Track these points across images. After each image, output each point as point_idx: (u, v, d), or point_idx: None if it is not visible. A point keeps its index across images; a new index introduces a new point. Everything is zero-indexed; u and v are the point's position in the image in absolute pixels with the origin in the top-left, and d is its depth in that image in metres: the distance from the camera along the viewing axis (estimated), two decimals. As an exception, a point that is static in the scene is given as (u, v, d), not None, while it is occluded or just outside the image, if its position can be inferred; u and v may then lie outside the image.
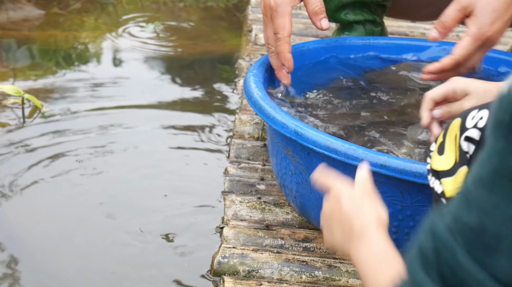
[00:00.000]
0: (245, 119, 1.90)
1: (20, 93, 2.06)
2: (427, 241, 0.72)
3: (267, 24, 1.50)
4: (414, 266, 0.74)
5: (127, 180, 1.75)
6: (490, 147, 0.65)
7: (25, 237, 1.52)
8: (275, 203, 1.57)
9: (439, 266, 0.70)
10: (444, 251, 0.69)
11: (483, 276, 0.66)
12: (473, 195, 0.67)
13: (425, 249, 0.72)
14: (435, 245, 0.71)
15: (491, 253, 0.66)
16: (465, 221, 0.67)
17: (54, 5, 2.98)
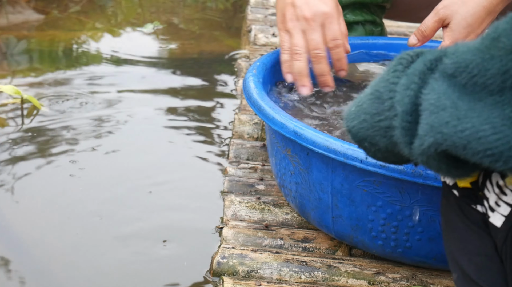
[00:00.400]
0: (245, 119, 1.90)
1: (19, 93, 2.06)
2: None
3: (312, 30, 1.47)
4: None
5: (125, 180, 1.75)
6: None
7: (23, 238, 1.52)
8: (274, 203, 1.57)
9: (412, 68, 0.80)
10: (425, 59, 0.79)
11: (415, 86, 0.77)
12: None
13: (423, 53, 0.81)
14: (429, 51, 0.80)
15: None
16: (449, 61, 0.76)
17: (54, 8, 2.98)
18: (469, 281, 0.88)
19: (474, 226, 0.86)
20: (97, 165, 1.81)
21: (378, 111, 0.81)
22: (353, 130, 0.84)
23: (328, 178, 1.32)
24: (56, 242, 1.51)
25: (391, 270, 1.38)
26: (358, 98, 0.85)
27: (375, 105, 0.81)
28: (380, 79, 0.82)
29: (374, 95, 0.82)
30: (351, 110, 0.85)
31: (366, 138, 0.83)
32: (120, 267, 1.45)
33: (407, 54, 0.81)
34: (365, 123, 0.82)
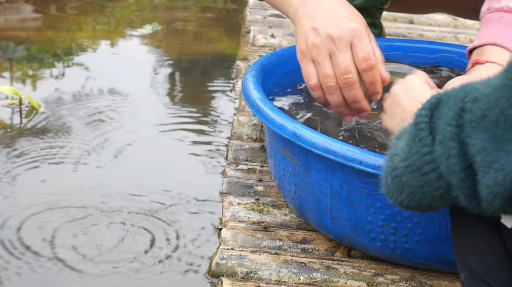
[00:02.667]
0: (243, 120, 1.90)
1: (18, 93, 2.06)
2: (452, 91, 0.80)
3: (339, 51, 1.29)
4: (423, 109, 0.82)
5: (123, 181, 1.75)
6: None
7: (22, 239, 1.52)
8: (273, 204, 1.57)
9: (439, 111, 0.79)
10: (450, 102, 0.78)
11: (450, 129, 0.77)
12: None
13: (444, 96, 0.81)
14: (451, 96, 0.79)
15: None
16: (476, 92, 0.76)
17: (52, 6, 2.97)
18: (478, 280, 0.89)
19: (486, 226, 0.89)
20: (96, 166, 1.81)
21: (424, 183, 0.80)
22: (404, 203, 0.84)
23: (327, 179, 1.32)
24: (55, 242, 1.51)
25: (390, 272, 1.38)
26: (389, 169, 0.84)
27: (418, 179, 0.81)
28: (408, 150, 0.81)
29: (411, 168, 0.81)
30: (389, 184, 0.85)
31: (421, 206, 0.83)
32: (118, 267, 1.45)
33: (421, 115, 0.80)
34: (414, 194, 0.82)
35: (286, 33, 2.56)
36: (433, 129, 0.79)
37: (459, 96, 0.77)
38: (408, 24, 2.79)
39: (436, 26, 2.78)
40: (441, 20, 2.82)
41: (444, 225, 1.27)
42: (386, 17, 2.78)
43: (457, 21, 2.82)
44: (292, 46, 1.69)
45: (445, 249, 1.29)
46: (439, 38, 2.60)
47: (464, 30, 2.75)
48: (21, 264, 1.44)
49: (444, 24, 2.80)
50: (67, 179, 1.74)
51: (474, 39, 1.43)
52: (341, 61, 1.28)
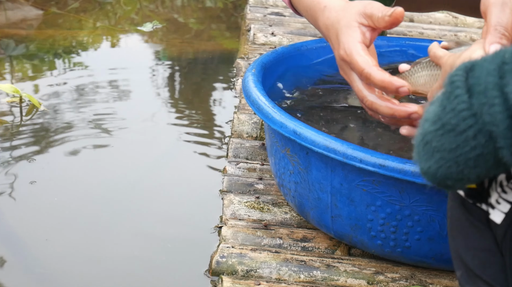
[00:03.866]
0: (244, 118, 1.90)
1: (18, 91, 2.06)
2: (488, 56, 0.76)
3: (351, 82, 1.24)
4: (458, 70, 0.77)
5: (124, 178, 1.75)
6: None
7: (23, 238, 1.52)
8: (273, 202, 1.57)
9: (476, 71, 0.75)
10: (488, 59, 0.74)
11: (492, 79, 0.73)
12: None
13: (480, 59, 0.76)
14: (488, 57, 0.75)
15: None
16: None
17: (53, 4, 2.97)
18: (472, 276, 0.90)
19: (478, 223, 0.89)
20: (97, 164, 1.81)
21: (459, 144, 0.76)
22: (430, 171, 0.79)
23: (328, 177, 1.32)
24: (57, 241, 1.51)
25: (390, 270, 1.38)
26: (419, 137, 0.80)
27: (451, 139, 0.76)
28: (441, 110, 0.77)
29: (444, 129, 0.76)
30: (418, 152, 0.80)
31: (449, 176, 0.78)
32: (119, 266, 1.45)
33: (456, 75, 0.77)
34: (443, 160, 0.77)
35: (286, 31, 2.56)
36: (470, 87, 0.75)
37: (497, 54, 0.75)
38: (409, 22, 2.79)
39: (437, 25, 2.78)
40: (441, 18, 2.82)
41: (444, 223, 1.27)
42: (386, 15, 2.78)
43: (457, 19, 2.82)
44: (292, 44, 1.69)
45: (445, 247, 1.29)
46: (439, 37, 2.60)
47: (464, 28, 2.75)
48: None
49: (445, 23, 2.80)
50: (66, 177, 1.74)
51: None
52: (355, 90, 1.24)
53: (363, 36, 1.22)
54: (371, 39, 1.22)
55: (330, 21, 1.26)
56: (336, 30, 1.24)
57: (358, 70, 1.18)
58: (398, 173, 1.21)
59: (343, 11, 1.25)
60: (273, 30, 2.55)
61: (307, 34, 2.53)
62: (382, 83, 1.16)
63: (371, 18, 1.21)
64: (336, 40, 1.24)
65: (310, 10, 1.33)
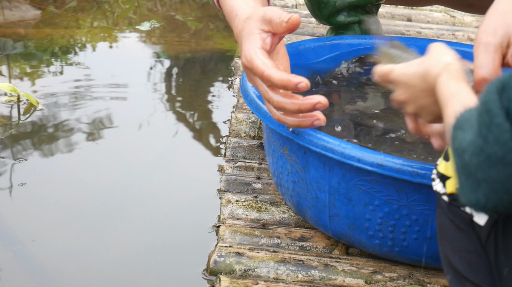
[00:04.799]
0: (242, 117, 1.90)
1: (16, 90, 2.06)
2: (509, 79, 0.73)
3: (258, 88, 1.25)
4: (492, 86, 0.74)
5: (121, 177, 1.75)
6: None
7: (21, 237, 1.52)
8: (271, 202, 1.57)
9: (510, 93, 0.71)
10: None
11: None
12: None
13: (509, 78, 0.73)
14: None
15: None
16: None
17: (50, 3, 2.97)
18: (460, 278, 0.91)
19: (463, 225, 0.90)
20: (94, 163, 1.81)
21: (509, 175, 0.72)
22: (480, 204, 0.76)
23: (325, 177, 1.32)
24: (55, 241, 1.51)
25: (388, 269, 1.38)
26: (457, 167, 0.76)
27: (499, 170, 0.73)
28: (483, 141, 0.73)
29: (491, 161, 0.73)
30: (462, 184, 0.77)
31: (500, 205, 0.75)
32: (116, 265, 1.45)
33: (491, 100, 0.73)
34: (493, 192, 0.74)
35: (284, 30, 2.55)
36: (509, 112, 0.71)
37: None
38: (406, 21, 2.79)
39: (434, 24, 2.78)
40: (439, 17, 2.82)
41: (442, 223, 1.27)
42: (384, 14, 2.78)
43: (455, 18, 2.82)
44: (290, 43, 1.69)
45: (443, 246, 1.30)
46: (437, 36, 2.60)
47: (462, 27, 2.75)
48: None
49: (442, 22, 2.80)
50: (63, 176, 1.74)
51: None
52: (262, 93, 1.26)
53: (263, 42, 1.23)
54: (272, 44, 1.24)
55: (238, 30, 1.30)
56: (241, 38, 1.27)
57: (259, 73, 1.20)
58: (396, 173, 1.21)
59: (248, 19, 1.27)
60: (271, 29, 2.55)
61: (305, 33, 2.53)
62: (281, 81, 1.18)
63: (270, 23, 1.23)
64: (241, 49, 1.27)
65: (227, 17, 1.36)
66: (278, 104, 1.22)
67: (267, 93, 1.23)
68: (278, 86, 1.19)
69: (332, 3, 1.89)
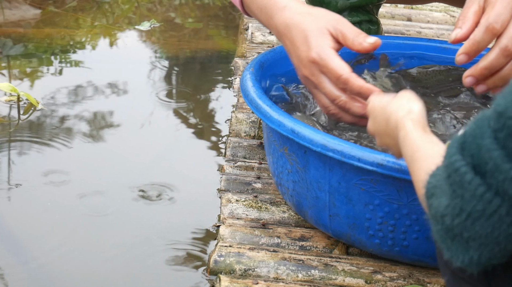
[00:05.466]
0: (242, 117, 1.90)
1: (16, 90, 2.06)
2: (469, 129, 0.75)
3: (320, 84, 1.30)
4: (452, 148, 0.77)
5: (121, 177, 1.75)
6: None
7: (20, 237, 1.52)
8: (271, 201, 1.57)
9: (470, 150, 0.74)
10: (477, 134, 0.73)
11: (498, 153, 0.70)
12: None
13: (465, 136, 0.76)
14: (472, 131, 0.74)
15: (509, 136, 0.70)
16: (496, 109, 0.72)
17: (50, 3, 2.97)
18: (459, 280, 0.92)
19: None
20: (94, 163, 1.81)
21: (494, 226, 0.73)
22: (474, 261, 0.76)
23: (326, 176, 1.32)
24: (54, 241, 1.51)
25: (388, 269, 1.38)
26: (440, 233, 0.78)
27: (484, 224, 0.73)
28: (459, 201, 0.74)
29: (473, 217, 0.74)
30: (448, 248, 0.78)
31: (493, 257, 0.76)
32: (117, 265, 1.45)
33: (456, 160, 0.74)
34: (484, 246, 0.75)
35: (284, 30, 2.55)
36: (477, 168, 0.73)
37: (482, 125, 0.73)
38: (406, 21, 2.79)
39: (434, 24, 2.78)
40: (439, 17, 2.82)
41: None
42: (384, 14, 2.78)
43: (455, 18, 2.82)
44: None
45: (443, 246, 1.29)
46: (437, 36, 2.60)
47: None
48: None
49: (442, 22, 2.80)
50: (63, 175, 1.74)
51: None
52: (324, 91, 1.30)
53: (334, 45, 1.29)
54: (337, 51, 1.29)
55: (293, 21, 1.32)
56: (304, 32, 1.29)
57: (335, 75, 1.25)
58: (396, 172, 1.21)
59: (310, 15, 1.31)
60: (271, 29, 2.55)
61: (305, 33, 2.53)
62: (360, 89, 1.24)
63: (342, 35, 1.28)
64: (303, 41, 1.29)
65: (266, 8, 1.38)
66: (346, 104, 1.29)
67: (333, 92, 1.28)
68: (353, 92, 1.25)
69: (334, 4, 1.89)
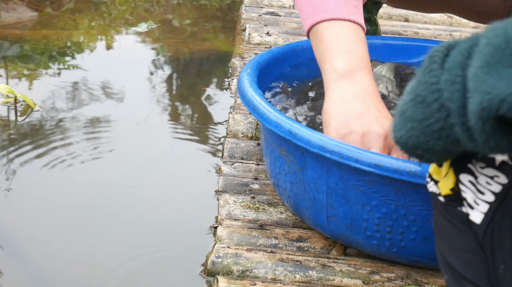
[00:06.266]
0: (239, 118, 1.90)
1: (13, 92, 2.06)
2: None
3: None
4: (439, 47, 0.81)
5: (119, 178, 1.75)
6: None
7: (17, 236, 1.52)
8: (269, 202, 1.57)
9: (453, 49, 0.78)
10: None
11: (464, 47, 0.76)
12: None
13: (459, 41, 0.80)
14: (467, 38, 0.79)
15: None
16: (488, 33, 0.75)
17: (47, 5, 2.97)
18: (458, 278, 0.92)
19: (460, 224, 0.91)
20: (91, 165, 1.80)
21: (426, 116, 0.79)
22: (402, 140, 0.82)
23: (323, 177, 1.32)
24: (51, 242, 1.51)
25: (385, 270, 1.38)
26: (398, 108, 0.84)
27: (420, 110, 0.80)
28: (416, 82, 0.80)
29: (416, 100, 0.80)
30: (395, 121, 0.84)
31: (418, 146, 0.81)
32: (114, 267, 1.45)
33: (437, 50, 0.80)
34: (414, 130, 0.81)
35: (281, 31, 2.56)
36: (445, 63, 0.78)
37: (474, 36, 0.77)
38: (404, 22, 2.79)
39: (431, 24, 2.78)
40: (436, 18, 2.82)
41: (439, 223, 1.27)
42: (381, 15, 2.79)
43: (452, 19, 2.82)
44: (287, 44, 1.69)
45: (440, 247, 1.29)
46: (434, 36, 2.60)
47: (459, 28, 2.76)
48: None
49: (439, 22, 2.80)
50: (61, 178, 1.74)
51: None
52: None
53: None
54: None
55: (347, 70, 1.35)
56: (361, 90, 1.33)
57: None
58: (393, 173, 1.21)
59: (372, 91, 1.35)
60: (268, 30, 2.55)
61: (302, 34, 2.53)
62: None
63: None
64: (373, 114, 1.31)
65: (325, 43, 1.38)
66: None
67: None
68: None
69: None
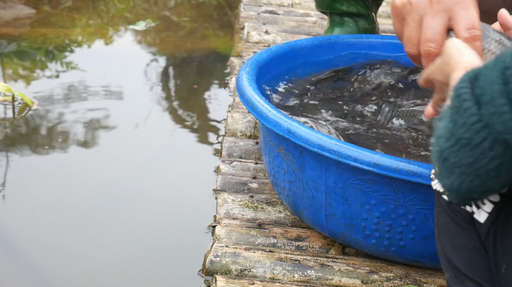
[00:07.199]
0: (238, 117, 1.89)
1: (11, 90, 2.05)
2: (489, 62, 0.76)
3: (432, 17, 1.09)
4: (465, 76, 0.78)
5: (117, 177, 1.74)
6: None
7: (14, 234, 1.51)
8: (267, 201, 1.56)
9: (480, 81, 0.75)
10: (491, 67, 0.75)
11: (498, 87, 0.72)
12: None
13: (482, 67, 0.77)
14: (489, 63, 0.75)
15: None
16: None
17: (45, 3, 2.96)
18: (459, 275, 0.93)
19: (464, 223, 0.91)
20: (89, 163, 1.80)
21: (477, 157, 0.74)
22: (454, 187, 0.78)
23: (322, 176, 1.31)
24: (48, 240, 1.50)
25: (384, 269, 1.38)
26: (436, 153, 0.78)
27: (469, 154, 0.75)
28: (452, 125, 0.76)
29: (459, 144, 0.75)
30: (438, 169, 0.79)
31: (473, 189, 0.77)
32: (112, 265, 1.44)
33: (461, 87, 0.75)
34: (465, 175, 0.76)
35: (280, 29, 2.56)
36: (477, 98, 0.74)
37: (498, 60, 0.74)
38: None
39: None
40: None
41: (439, 222, 1.27)
42: (380, 13, 2.78)
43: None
44: (286, 42, 1.69)
45: (440, 246, 1.29)
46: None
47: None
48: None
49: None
50: (59, 175, 1.74)
51: None
52: (430, 27, 1.09)
53: None
54: None
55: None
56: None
57: (477, 27, 1.09)
58: (392, 172, 1.21)
59: None
60: (267, 29, 2.55)
61: (301, 33, 2.53)
62: (480, 54, 1.08)
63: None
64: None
65: None
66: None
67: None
68: None
69: None
